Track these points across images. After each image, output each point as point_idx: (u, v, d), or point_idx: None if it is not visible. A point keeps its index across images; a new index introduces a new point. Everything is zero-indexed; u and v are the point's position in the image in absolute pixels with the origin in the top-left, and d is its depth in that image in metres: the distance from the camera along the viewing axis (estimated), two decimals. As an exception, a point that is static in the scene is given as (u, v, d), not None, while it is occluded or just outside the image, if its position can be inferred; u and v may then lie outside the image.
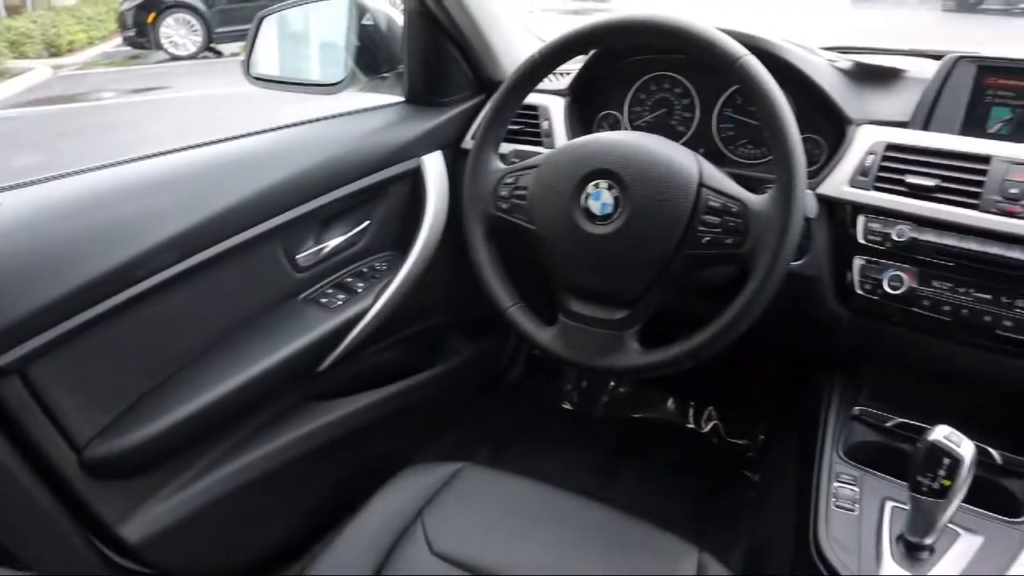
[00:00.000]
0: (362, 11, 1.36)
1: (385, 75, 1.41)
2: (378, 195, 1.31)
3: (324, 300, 1.25)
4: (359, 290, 1.28)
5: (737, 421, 1.81)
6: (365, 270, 1.32)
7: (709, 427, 1.85)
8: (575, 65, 1.30)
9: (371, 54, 1.40)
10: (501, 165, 1.09)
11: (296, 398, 1.28)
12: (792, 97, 1.15)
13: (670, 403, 1.90)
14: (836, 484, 1.00)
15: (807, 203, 0.92)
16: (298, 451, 1.27)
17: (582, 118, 1.31)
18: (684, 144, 1.23)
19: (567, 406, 1.96)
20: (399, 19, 1.36)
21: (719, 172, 0.96)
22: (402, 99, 1.40)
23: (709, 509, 1.53)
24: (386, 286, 1.29)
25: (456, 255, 1.12)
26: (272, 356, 1.15)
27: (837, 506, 0.97)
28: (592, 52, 1.28)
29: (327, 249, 1.27)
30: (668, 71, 1.26)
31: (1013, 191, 0.94)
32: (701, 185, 0.92)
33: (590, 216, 0.97)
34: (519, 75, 1.07)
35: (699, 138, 1.24)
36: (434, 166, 1.34)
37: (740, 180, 0.96)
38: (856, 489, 0.99)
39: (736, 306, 0.90)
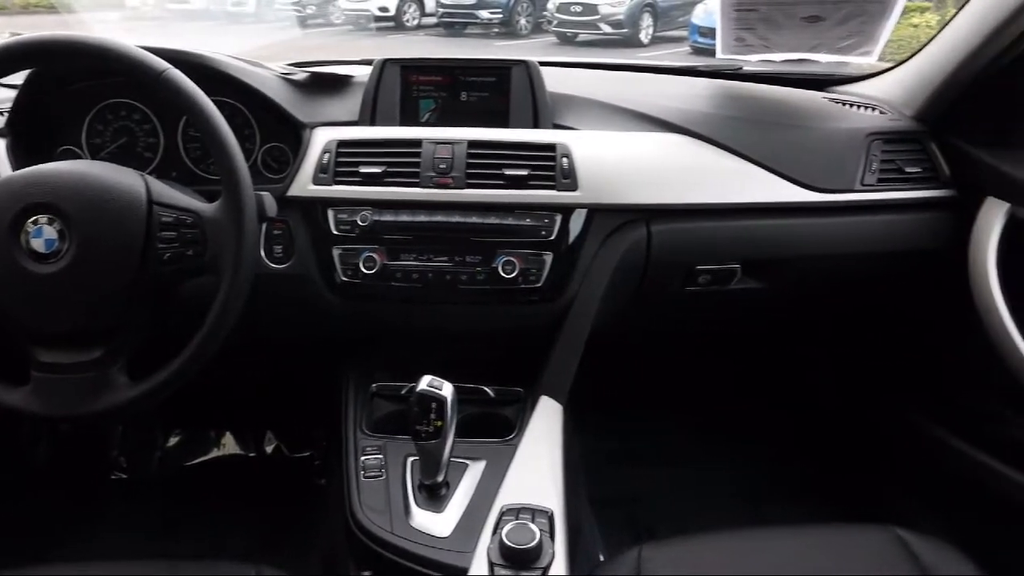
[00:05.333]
0: None
1: None
2: None
3: None
4: None
5: (296, 435, 1.83)
6: None
7: (271, 449, 1.84)
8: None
9: None
10: None
11: None
12: (247, 109, 1.20)
13: (227, 438, 1.85)
14: (363, 458, 1.07)
15: (263, 202, 0.96)
16: None
17: (35, 157, 1.18)
18: (154, 170, 1.20)
19: (117, 475, 1.78)
20: None
21: (169, 188, 0.95)
22: None
23: (284, 528, 1.52)
24: None
25: None
26: None
27: (367, 476, 1.04)
28: (24, 82, 1.16)
29: None
30: (122, 97, 1.21)
31: (442, 166, 1.12)
32: (151, 203, 0.90)
33: (36, 256, 0.88)
34: None
35: (169, 162, 1.22)
36: None
37: (214, 196, 0.96)
38: (381, 457, 1.07)
39: (214, 311, 0.91)
